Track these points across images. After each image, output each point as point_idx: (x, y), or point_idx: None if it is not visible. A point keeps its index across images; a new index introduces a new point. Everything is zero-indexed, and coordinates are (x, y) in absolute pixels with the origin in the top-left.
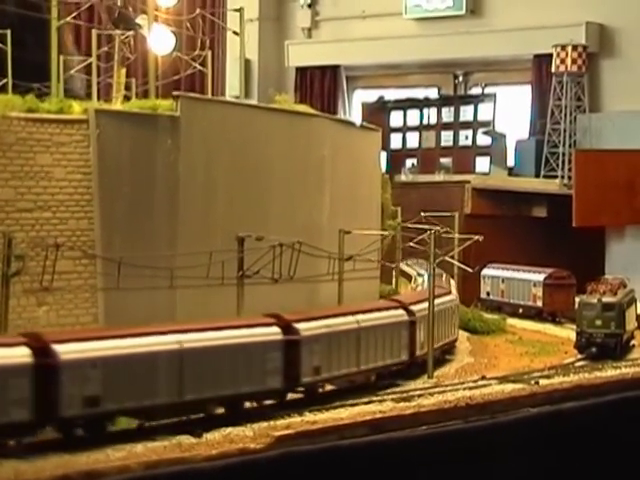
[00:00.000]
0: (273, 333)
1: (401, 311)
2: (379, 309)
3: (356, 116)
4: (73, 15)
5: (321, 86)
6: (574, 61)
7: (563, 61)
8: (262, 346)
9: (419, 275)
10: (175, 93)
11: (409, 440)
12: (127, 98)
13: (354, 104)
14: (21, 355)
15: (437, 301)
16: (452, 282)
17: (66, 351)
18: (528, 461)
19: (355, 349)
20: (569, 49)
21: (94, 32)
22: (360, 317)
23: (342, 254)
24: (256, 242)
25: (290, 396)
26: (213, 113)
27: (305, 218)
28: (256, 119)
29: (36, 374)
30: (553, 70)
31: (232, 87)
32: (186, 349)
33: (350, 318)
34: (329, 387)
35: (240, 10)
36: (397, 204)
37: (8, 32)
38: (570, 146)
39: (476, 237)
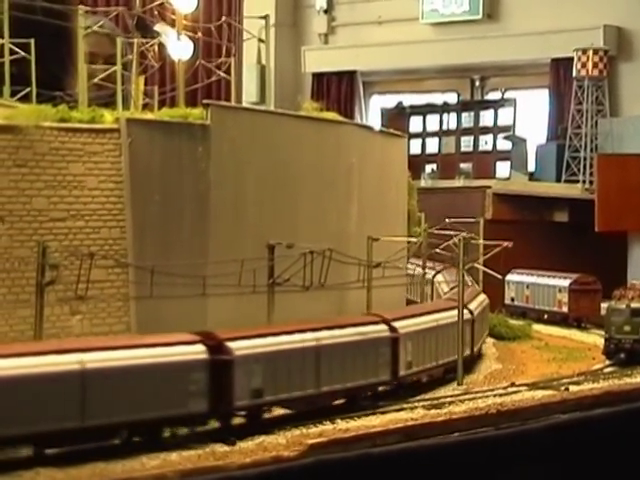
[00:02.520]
0: (197, 352)
1: (382, 326)
2: (355, 324)
3: (374, 122)
4: (100, 24)
5: (338, 92)
6: (595, 65)
7: (584, 65)
8: (182, 366)
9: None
10: (205, 101)
11: (441, 447)
12: (146, 106)
13: (371, 110)
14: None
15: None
16: (479, 291)
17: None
18: (560, 467)
19: (314, 369)
20: (590, 53)
21: (118, 40)
22: (322, 334)
23: (370, 261)
24: (286, 250)
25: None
26: (243, 121)
27: (334, 225)
28: (285, 127)
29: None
30: (574, 74)
31: (249, 93)
32: (89, 370)
33: (308, 335)
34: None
35: (266, 17)
36: (418, 210)
37: (32, 41)
38: (592, 150)
39: (505, 243)
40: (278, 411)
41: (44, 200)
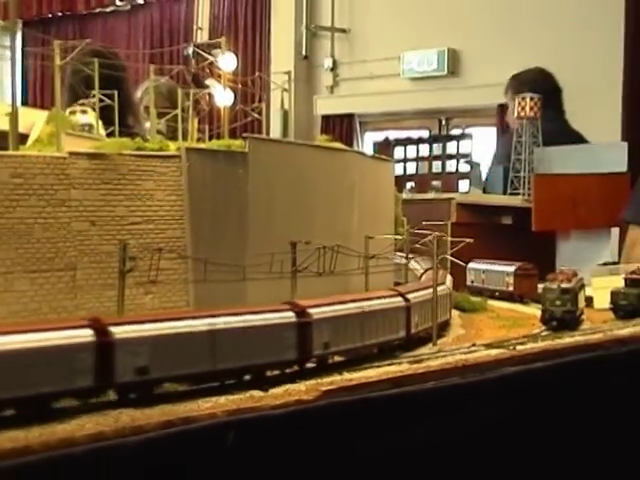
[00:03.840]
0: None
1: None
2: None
3: (368, 150)
4: (167, 77)
5: (340, 130)
6: (531, 108)
7: (523, 108)
8: (70, 348)
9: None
10: (245, 135)
11: (420, 392)
12: (199, 139)
13: (365, 142)
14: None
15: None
16: (448, 275)
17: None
18: (509, 407)
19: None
20: (527, 100)
21: (179, 91)
22: (216, 320)
23: (367, 254)
24: (305, 245)
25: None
26: (273, 149)
27: (340, 227)
28: (305, 153)
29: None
30: (516, 114)
31: (274, 130)
32: None
33: (200, 321)
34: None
35: (288, 73)
36: (402, 215)
37: (115, 93)
38: (529, 171)
39: (467, 240)
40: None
41: (124, 209)
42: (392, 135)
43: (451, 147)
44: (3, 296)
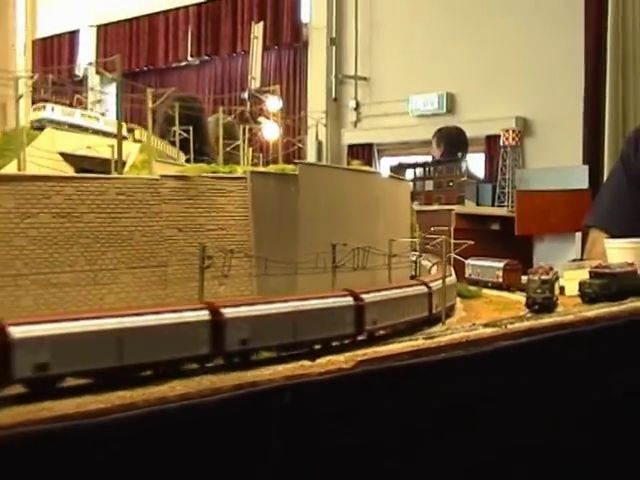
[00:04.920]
0: None
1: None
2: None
3: (387, 173)
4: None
5: (362, 156)
6: (513, 138)
7: (507, 138)
8: None
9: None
10: (296, 161)
11: (432, 362)
12: (256, 164)
13: (382, 166)
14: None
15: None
16: (452, 269)
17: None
18: (503, 375)
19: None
20: (510, 131)
21: (241, 127)
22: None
23: (390, 253)
24: (342, 247)
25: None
26: (318, 172)
27: (370, 233)
28: (342, 175)
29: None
30: (501, 144)
31: (311, 156)
32: None
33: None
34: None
35: (326, 112)
36: (416, 223)
37: (191, 128)
38: (512, 188)
39: (469, 242)
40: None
41: (203, 219)
42: (403, 160)
43: (449, 169)
44: (111, 287)
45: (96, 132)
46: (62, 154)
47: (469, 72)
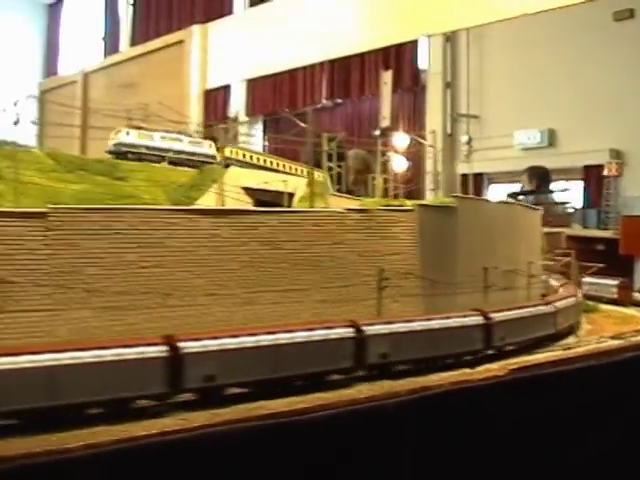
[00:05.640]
0: None
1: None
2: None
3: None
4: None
5: (474, 185)
6: (616, 170)
7: (610, 170)
8: None
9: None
10: (453, 194)
11: (570, 370)
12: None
13: (490, 192)
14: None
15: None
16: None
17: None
18: (629, 382)
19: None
20: (614, 164)
21: (372, 159)
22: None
23: (529, 274)
24: (493, 270)
25: None
26: (472, 204)
27: (514, 257)
28: (490, 207)
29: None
30: (605, 174)
31: (428, 185)
32: None
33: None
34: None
35: (442, 146)
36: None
37: (343, 163)
38: (617, 213)
39: (599, 265)
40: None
41: (379, 245)
42: (512, 189)
43: (557, 196)
44: (306, 304)
45: (192, 154)
46: (244, 188)
47: (568, 109)
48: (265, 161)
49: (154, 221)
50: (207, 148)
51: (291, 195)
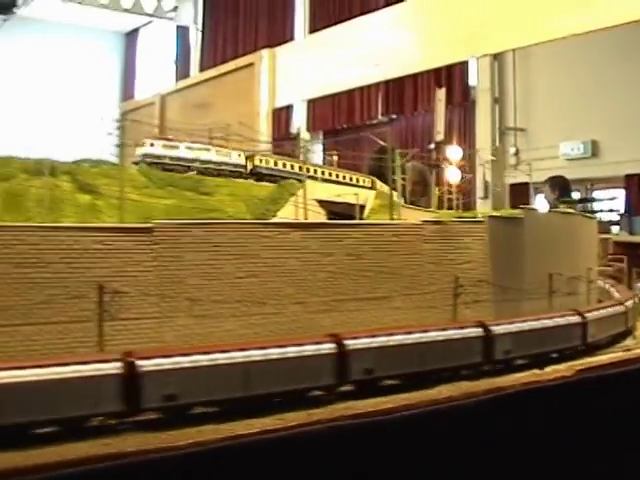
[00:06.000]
0: None
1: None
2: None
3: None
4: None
5: (521, 193)
6: None
7: None
8: None
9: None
10: (521, 206)
11: (631, 371)
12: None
13: (537, 201)
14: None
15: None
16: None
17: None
18: None
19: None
20: None
21: (427, 170)
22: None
23: (588, 280)
24: (557, 276)
25: None
26: (538, 216)
27: (573, 264)
28: (554, 217)
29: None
30: None
31: (479, 194)
32: None
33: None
34: None
35: (491, 158)
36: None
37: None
38: None
39: None
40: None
41: (453, 254)
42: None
43: (600, 205)
44: (387, 311)
45: (220, 164)
46: (318, 200)
47: (610, 122)
48: (301, 168)
49: (250, 234)
50: (236, 158)
51: (362, 207)
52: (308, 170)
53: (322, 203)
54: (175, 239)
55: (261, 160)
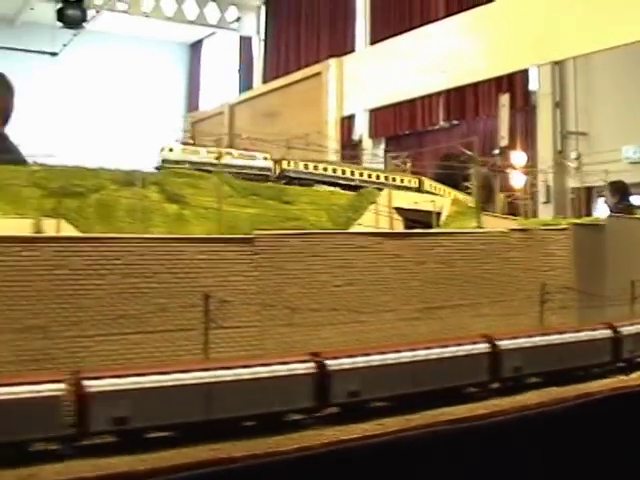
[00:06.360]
0: None
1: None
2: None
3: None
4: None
5: (584, 196)
6: None
7: None
8: None
9: None
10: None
11: None
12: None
13: (598, 204)
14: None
15: None
16: None
17: None
18: None
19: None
20: None
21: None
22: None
23: None
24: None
25: None
26: (621, 222)
27: (633, 272)
28: (632, 222)
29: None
30: None
31: (541, 198)
32: None
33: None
34: None
35: (553, 162)
36: None
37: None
38: None
39: None
40: None
41: (539, 261)
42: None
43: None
44: (475, 318)
45: (243, 167)
46: (396, 208)
47: None
48: (335, 170)
49: (345, 244)
50: (261, 161)
51: (438, 214)
52: (344, 172)
53: (399, 211)
54: (274, 249)
55: (289, 163)
